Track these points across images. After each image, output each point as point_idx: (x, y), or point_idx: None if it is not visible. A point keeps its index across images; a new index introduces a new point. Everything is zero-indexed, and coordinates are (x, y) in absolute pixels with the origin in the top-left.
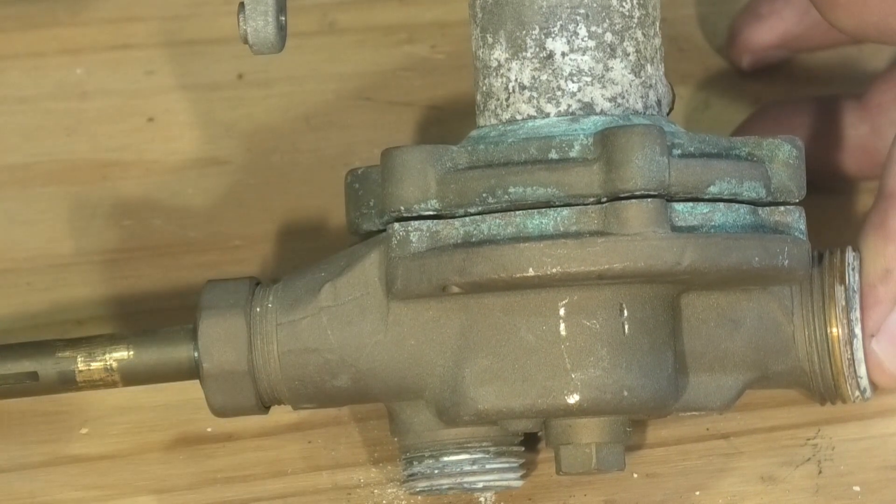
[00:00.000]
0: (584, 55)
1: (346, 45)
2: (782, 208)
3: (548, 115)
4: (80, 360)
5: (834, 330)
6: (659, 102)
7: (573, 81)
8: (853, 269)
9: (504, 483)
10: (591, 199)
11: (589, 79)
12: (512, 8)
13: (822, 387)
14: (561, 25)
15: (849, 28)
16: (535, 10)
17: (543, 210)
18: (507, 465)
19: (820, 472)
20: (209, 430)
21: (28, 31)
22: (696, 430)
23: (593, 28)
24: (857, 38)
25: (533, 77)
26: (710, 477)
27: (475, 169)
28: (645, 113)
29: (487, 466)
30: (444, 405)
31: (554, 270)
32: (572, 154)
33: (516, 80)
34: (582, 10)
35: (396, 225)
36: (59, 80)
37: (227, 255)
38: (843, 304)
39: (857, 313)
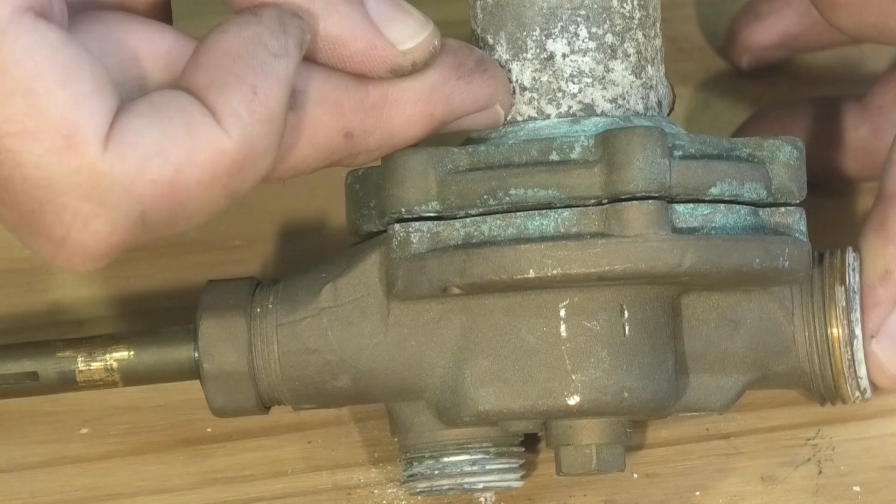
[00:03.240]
0: (584, 56)
1: None
2: (783, 209)
3: (548, 116)
4: (80, 360)
5: (834, 330)
6: (659, 103)
7: (574, 83)
8: (853, 270)
9: (504, 483)
10: (592, 201)
11: (589, 80)
12: (512, 9)
13: (823, 387)
14: (561, 27)
15: (848, 28)
16: (535, 12)
17: (544, 211)
18: (507, 466)
19: (820, 472)
20: (209, 430)
21: None
22: (696, 430)
23: (594, 29)
24: (857, 39)
25: (533, 78)
26: (710, 477)
27: (476, 170)
28: (646, 114)
29: (487, 467)
30: (444, 406)
31: (554, 272)
32: (573, 156)
33: (517, 81)
34: (582, 12)
35: (397, 226)
36: None
37: (228, 255)
38: (844, 304)
39: (858, 314)
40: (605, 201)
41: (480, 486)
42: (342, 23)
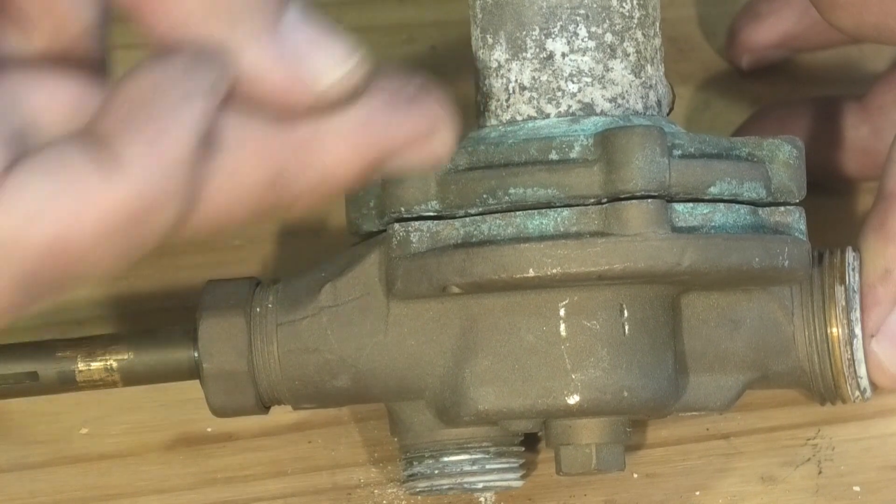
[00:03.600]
0: (584, 56)
1: None
2: (782, 208)
3: (548, 115)
4: (80, 360)
5: (834, 330)
6: (659, 103)
7: (573, 82)
8: (853, 270)
9: (504, 483)
10: (592, 200)
11: (589, 79)
12: (512, 8)
13: (822, 387)
14: (561, 26)
15: (848, 28)
16: (535, 11)
17: (544, 211)
18: (507, 466)
19: (820, 472)
20: (209, 430)
21: None
22: (696, 430)
23: (593, 29)
24: (857, 38)
25: (533, 78)
26: (710, 477)
27: (475, 170)
28: (645, 113)
29: (487, 467)
30: (444, 405)
31: (554, 271)
32: (573, 155)
33: (516, 80)
34: (582, 11)
35: (397, 225)
36: None
37: (228, 255)
38: (843, 304)
39: (858, 313)
40: (605, 200)
41: (480, 485)
42: (259, 57)
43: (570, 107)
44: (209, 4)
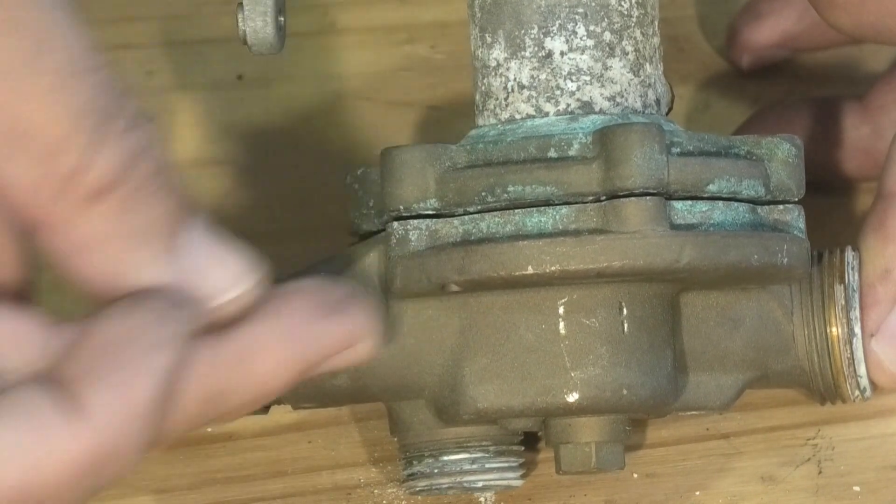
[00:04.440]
0: (582, 54)
1: (346, 45)
2: (781, 207)
3: (547, 114)
4: None
5: (833, 329)
6: (658, 102)
7: (572, 80)
8: (853, 269)
9: (504, 482)
10: (590, 198)
11: (588, 78)
12: (510, 7)
13: (822, 386)
14: (560, 25)
15: (846, 28)
16: (533, 10)
17: (542, 208)
18: (506, 465)
19: (820, 472)
20: (209, 430)
21: None
22: (696, 430)
23: (592, 27)
24: (855, 38)
25: (532, 76)
26: (710, 477)
27: (474, 168)
28: (644, 112)
29: (487, 466)
30: (443, 404)
31: (553, 268)
32: (571, 153)
33: (515, 79)
34: (581, 10)
35: (395, 224)
36: None
37: None
38: (843, 303)
39: (857, 313)
40: (604, 198)
41: (480, 484)
42: (159, 276)
43: (568, 105)
44: (107, 230)
